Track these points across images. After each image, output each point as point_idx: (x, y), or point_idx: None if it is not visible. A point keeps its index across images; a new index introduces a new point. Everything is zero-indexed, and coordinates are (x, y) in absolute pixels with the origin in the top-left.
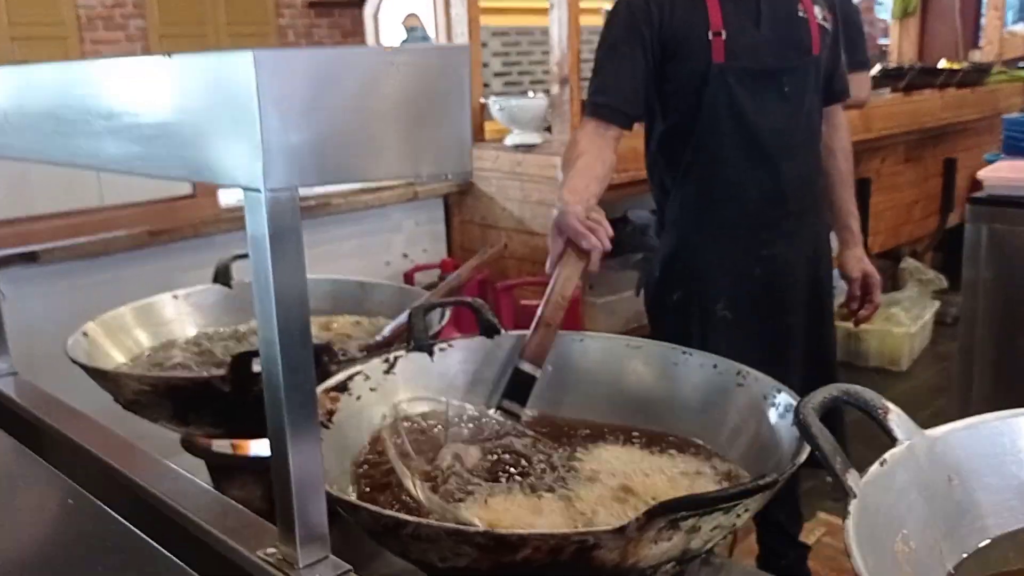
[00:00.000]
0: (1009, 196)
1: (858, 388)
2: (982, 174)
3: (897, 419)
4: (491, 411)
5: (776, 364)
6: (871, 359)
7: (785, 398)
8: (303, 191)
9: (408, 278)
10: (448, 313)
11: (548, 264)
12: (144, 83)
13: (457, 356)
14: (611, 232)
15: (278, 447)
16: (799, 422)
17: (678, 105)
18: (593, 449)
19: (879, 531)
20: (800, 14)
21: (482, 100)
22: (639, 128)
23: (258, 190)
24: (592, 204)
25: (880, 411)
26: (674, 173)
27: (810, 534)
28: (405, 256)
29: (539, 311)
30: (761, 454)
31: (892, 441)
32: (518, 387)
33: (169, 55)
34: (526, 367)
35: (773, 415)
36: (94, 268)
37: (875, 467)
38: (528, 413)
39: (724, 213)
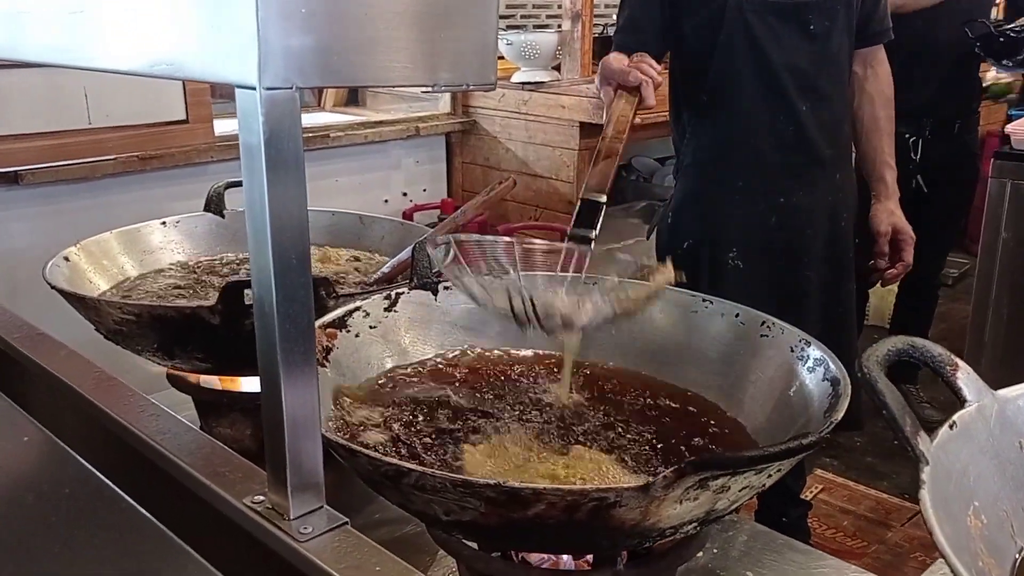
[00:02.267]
0: None
1: (925, 342)
2: (1011, 128)
3: (966, 378)
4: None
5: (788, 319)
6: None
7: (814, 351)
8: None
9: (407, 217)
10: (453, 249)
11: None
12: None
13: (462, 296)
14: (657, 67)
15: (270, 386)
16: (864, 377)
17: (694, 43)
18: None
19: (952, 502)
20: None
21: None
22: None
23: (252, 88)
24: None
25: (949, 368)
26: (691, 115)
27: (806, 491)
28: (404, 195)
29: (597, 148)
30: (787, 410)
31: (961, 402)
32: (586, 215)
33: None
34: (592, 196)
35: (801, 369)
36: (80, 192)
37: (944, 430)
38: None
39: (739, 158)
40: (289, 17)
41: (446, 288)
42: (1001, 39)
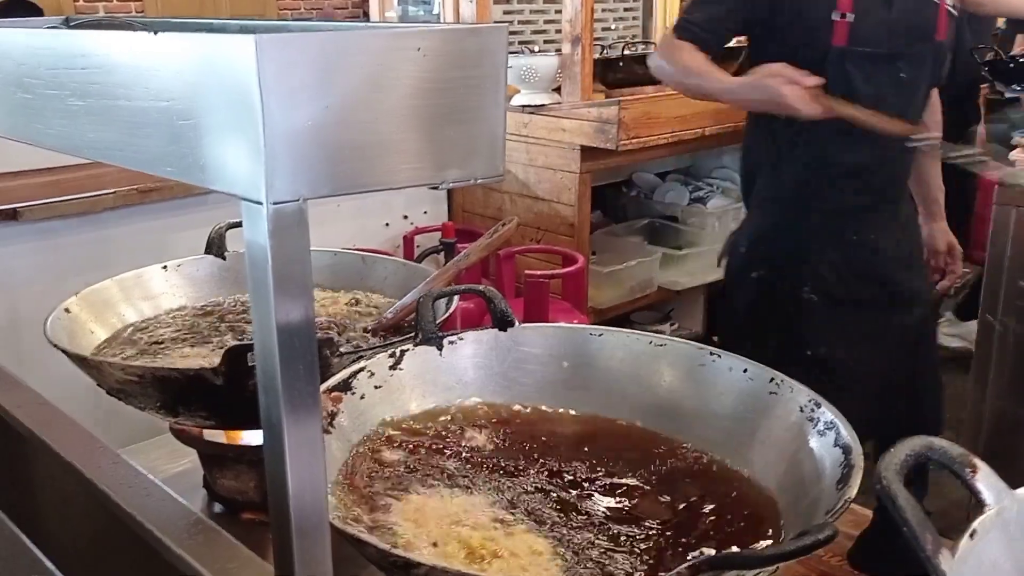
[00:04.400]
0: None
1: (944, 444)
2: (1014, 155)
3: (986, 480)
4: None
5: (864, 348)
6: None
7: (826, 413)
8: None
9: (408, 241)
10: (456, 299)
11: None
12: (127, 62)
13: (468, 350)
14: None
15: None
16: (883, 489)
17: None
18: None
19: None
20: None
21: None
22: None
23: (259, 202)
24: None
25: (969, 471)
26: (774, 151)
27: None
28: (405, 218)
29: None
30: (796, 477)
31: (980, 505)
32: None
33: (155, 31)
34: None
35: (811, 433)
36: (80, 227)
37: (965, 541)
38: None
39: (825, 198)
40: (297, 129)
41: (451, 343)
42: (1010, 64)
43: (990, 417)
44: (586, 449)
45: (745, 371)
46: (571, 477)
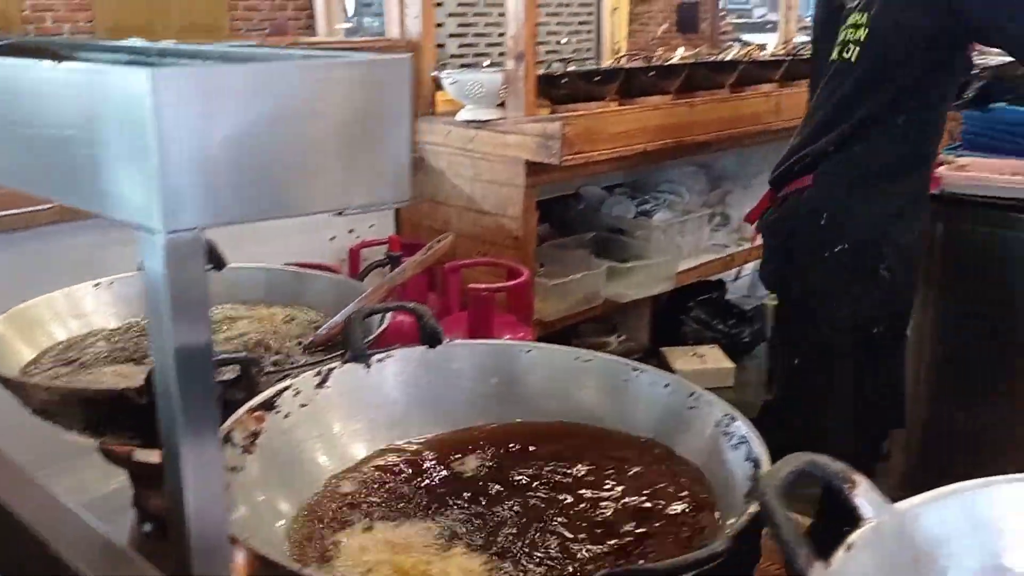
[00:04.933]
0: (970, 195)
1: (825, 459)
2: (941, 171)
3: (865, 494)
4: None
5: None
6: None
7: (740, 427)
8: None
9: (354, 254)
10: (389, 316)
11: None
12: (29, 90)
13: (395, 367)
14: None
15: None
16: (763, 505)
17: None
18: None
19: None
20: None
21: (433, 73)
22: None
23: (155, 231)
24: None
25: (848, 486)
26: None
27: None
28: (351, 231)
29: None
30: (712, 488)
31: (857, 520)
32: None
33: (57, 62)
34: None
35: (726, 447)
36: (14, 243)
37: (840, 554)
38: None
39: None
40: (193, 160)
41: (380, 360)
42: None
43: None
44: (518, 457)
45: (666, 386)
46: (504, 490)
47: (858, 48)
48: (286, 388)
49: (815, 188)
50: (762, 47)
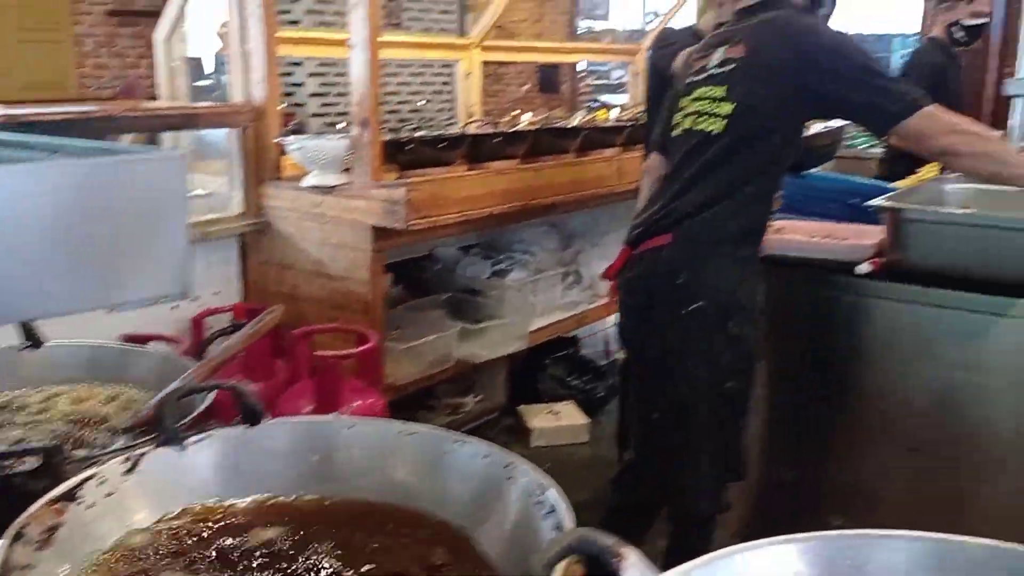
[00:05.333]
0: (786, 256)
1: (596, 535)
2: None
3: (634, 567)
4: None
5: None
6: None
7: (551, 496)
8: None
9: (197, 323)
10: (212, 395)
11: None
12: None
13: (213, 449)
14: None
15: None
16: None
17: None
18: None
19: None
20: None
21: (276, 140)
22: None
23: None
24: None
25: (615, 559)
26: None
27: None
28: (195, 299)
29: None
30: (522, 558)
31: None
32: None
33: None
34: None
35: (537, 515)
36: None
37: None
38: None
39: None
40: None
41: (196, 442)
42: None
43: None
44: (325, 538)
45: (485, 456)
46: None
47: (724, 121)
48: (90, 477)
49: (673, 247)
50: (613, 108)
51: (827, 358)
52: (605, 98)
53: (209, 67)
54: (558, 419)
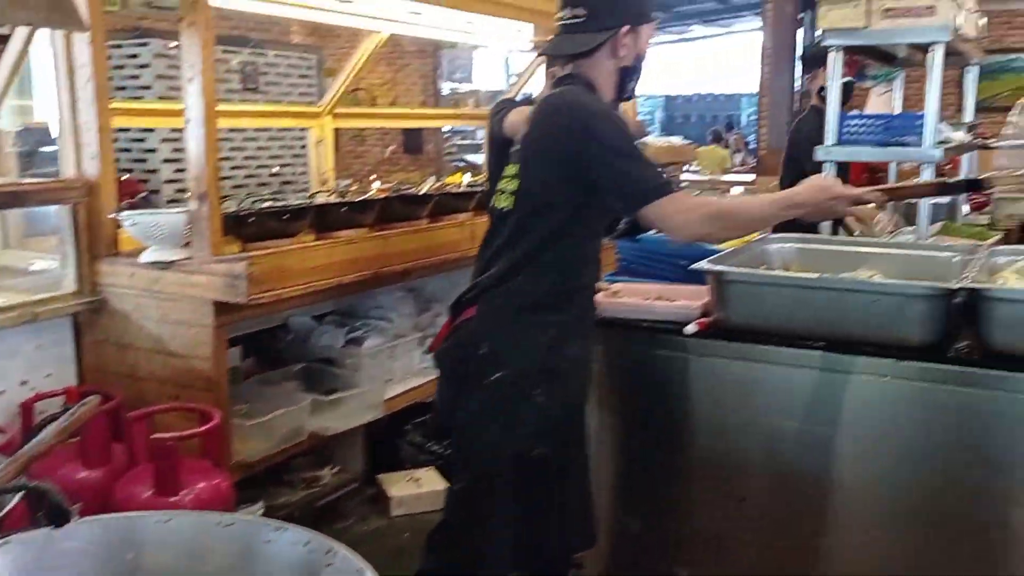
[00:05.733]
0: (620, 318)
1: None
2: (597, 297)
3: None
4: None
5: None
6: None
7: None
8: None
9: (26, 409)
10: (16, 497)
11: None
12: None
13: (12, 555)
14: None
15: None
16: None
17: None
18: None
19: None
20: None
21: (112, 215)
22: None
23: None
24: None
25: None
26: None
27: None
28: (24, 383)
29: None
30: None
31: None
32: None
33: None
34: None
35: None
36: None
37: None
38: None
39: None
40: None
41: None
42: None
43: None
44: None
45: (306, 544)
46: None
47: (512, 198)
48: None
49: (477, 319)
50: (466, 172)
51: (663, 414)
52: (472, 157)
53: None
54: (419, 486)
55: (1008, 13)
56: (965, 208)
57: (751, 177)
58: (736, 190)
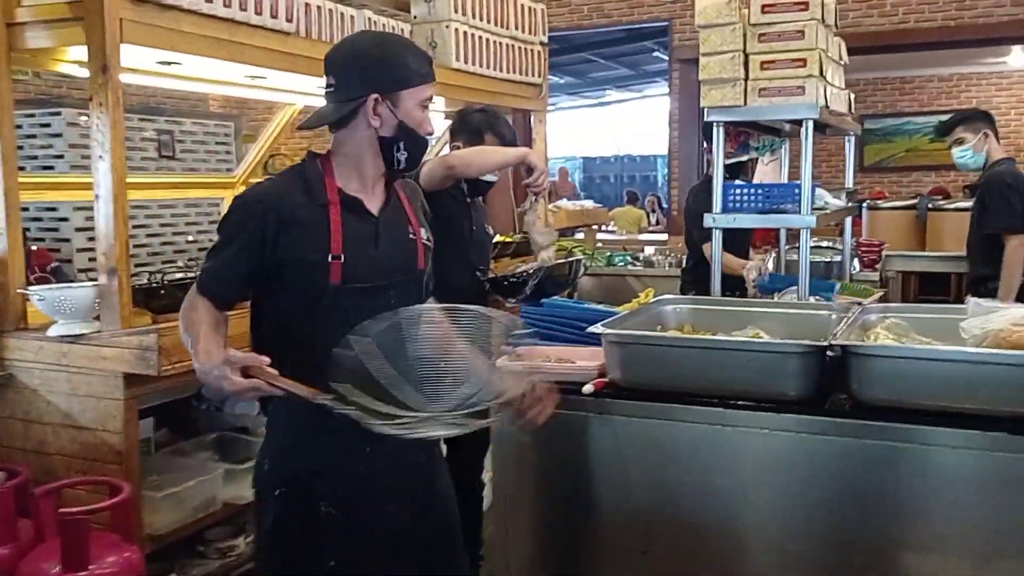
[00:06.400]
0: None
1: None
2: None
3: None
4: None
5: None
6: None
7: None
8: None
9: None
10: None
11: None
12: None
13: None
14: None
15: None
16: None
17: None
18: None
19: None
20: (411, 236)
21: (19, 290)
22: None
23: None
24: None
25: None
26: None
27: None
28: None
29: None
30: None
31: None
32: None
33: None
34: None
35: None
36: None
37: None
38: None
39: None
40: None
41: None
42: (505, 282)
43: None
44: None
45: None
46: None
47: None
48: None
49: None
50: None
51: (569, 470)
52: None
53: None
54: None
55: (900, 80)
56: (856, 265)
57: (664, 236)
58: (649, 249)
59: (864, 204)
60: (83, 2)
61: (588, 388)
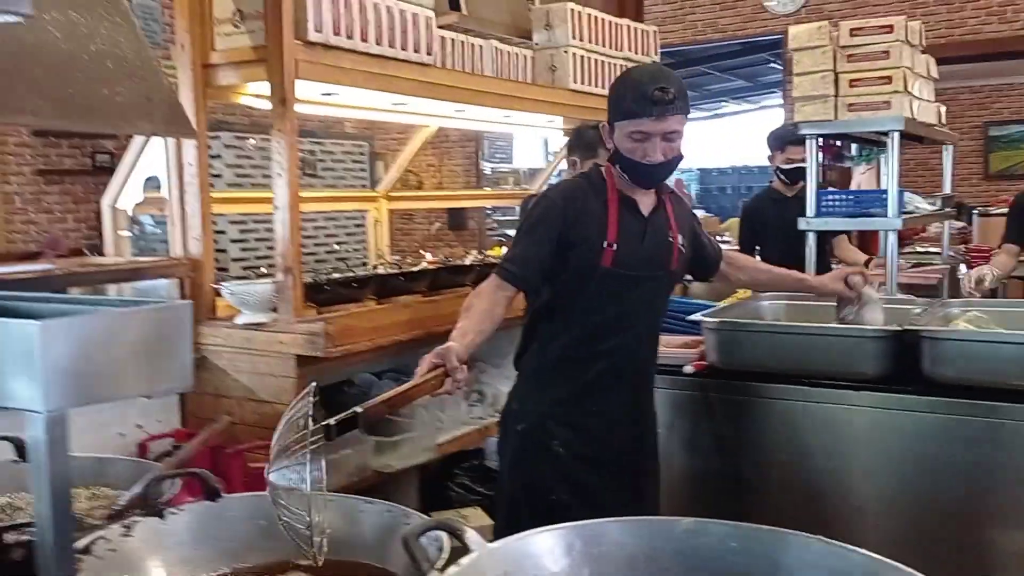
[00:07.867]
0: None
1: (446, 520)
2: None
3: (471, 536)
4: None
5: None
6: None
7: (435, 533)
8: None
9: (142, 448)
10: (180, 481)
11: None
12: None
13: (186, 518)
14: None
15: None
16: (404, 541)
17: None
18: None
19: None
20: (670, 239)
21: (213, 285)
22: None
23: (39, 412)
24: (471, 349)
25: (459, 532)
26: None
27: None
28: (139, 427)
29: (391, 392)
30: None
31: (467, 550)
32: (347, 422)
33: None
34: (359, 410)
35: (426, 542)
36: None
37: (453, 569)
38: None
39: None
40: (59, 368)
41: (173, 513)
42: None
43: None
44: None
45: (389, 511)
46: None
47: None
48: (99, 537)
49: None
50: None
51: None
52: (511, 232)
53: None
54: (466, 522)
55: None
56: (963, 269)
57: None
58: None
59: (975, 211)
60: (266, 47)
61: (688, 368)
